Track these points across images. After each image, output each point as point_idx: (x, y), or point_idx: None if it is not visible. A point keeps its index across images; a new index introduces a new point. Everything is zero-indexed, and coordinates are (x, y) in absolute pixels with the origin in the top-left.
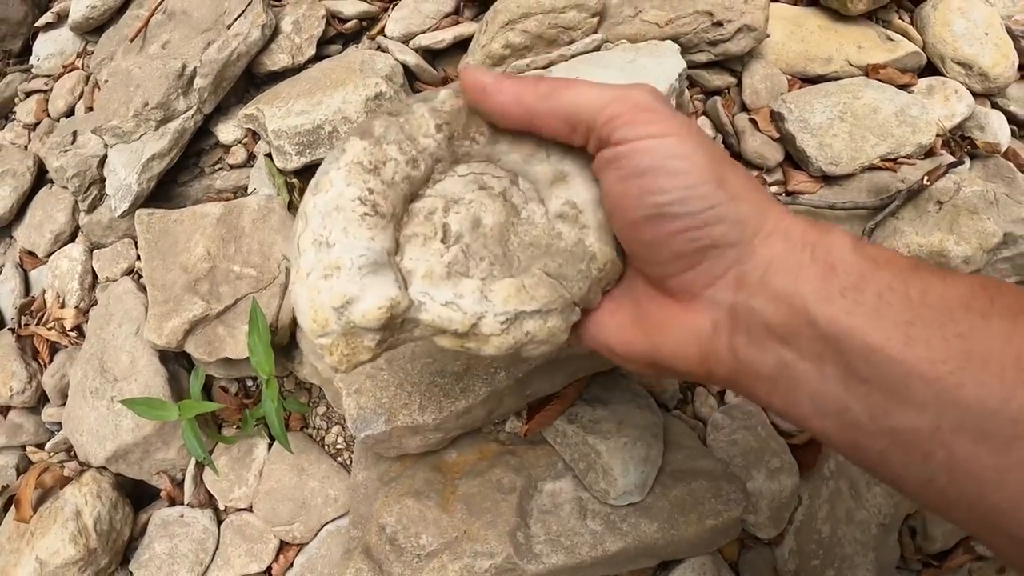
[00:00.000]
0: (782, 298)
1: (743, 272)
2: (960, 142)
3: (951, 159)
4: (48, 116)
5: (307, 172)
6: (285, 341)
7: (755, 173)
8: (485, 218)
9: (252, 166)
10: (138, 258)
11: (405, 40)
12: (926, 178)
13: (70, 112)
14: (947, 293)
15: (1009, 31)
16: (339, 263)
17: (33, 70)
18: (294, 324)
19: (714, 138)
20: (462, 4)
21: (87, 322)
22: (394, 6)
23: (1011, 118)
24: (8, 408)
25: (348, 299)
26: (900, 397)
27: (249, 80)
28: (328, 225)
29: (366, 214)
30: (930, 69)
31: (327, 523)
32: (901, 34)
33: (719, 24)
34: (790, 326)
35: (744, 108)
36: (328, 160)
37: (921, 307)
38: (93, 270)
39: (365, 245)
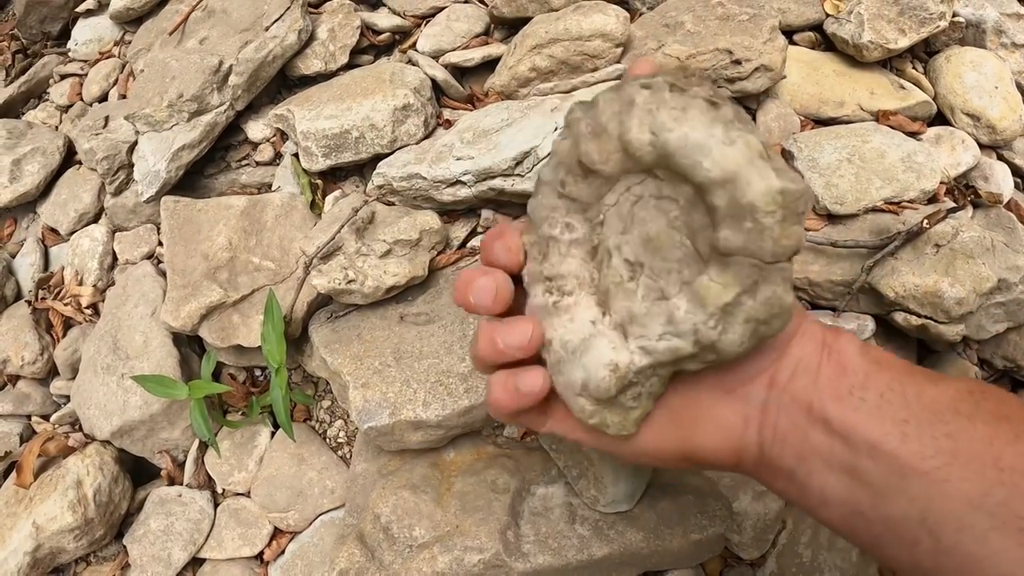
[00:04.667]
0: (802, 400)
1: (777, 371)
2: (964, 191)
3: (952, 205)
4: (81, 100)
5: (332, 174)
6: (297, 334)
7: None
8: (650, 230)
9: (278, 164)
10: (159, 243)
11: (435, 56)
12: (926, 221)
13: (103, 98)
14: (938, 396)
15: (1019, 86)
16: (559, 357)
17: (70, 54)
18: (307, 317)
19: None
20: (492, 26)
21: (103, 301)
22: (427, 22)
23: (1015, 170)
24: (18, 377)
25: (582, 383)
26: (895, 489)
27: (281, 82)
28: (545, 326)
29: (555, 302)
30: (940, 119)
31: (322, 513)
32: (913, 83)
33: (738, 62)
34: (807, 427)
35: None
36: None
37: (916, 407)
38: (114, 251)
39: (567, 329)
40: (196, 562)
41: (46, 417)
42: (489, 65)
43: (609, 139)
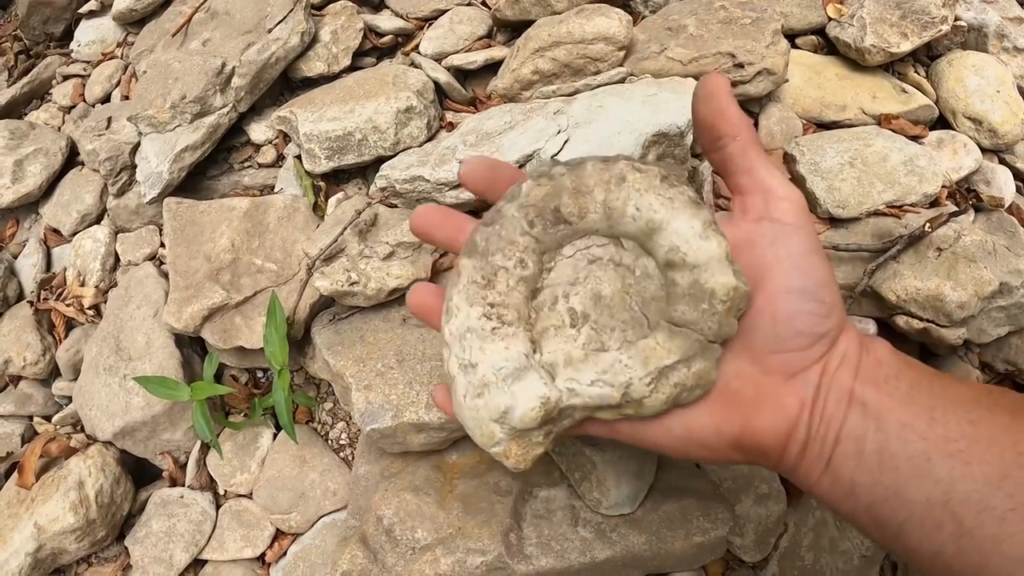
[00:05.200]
0: (845, 386)
1: (829, 359)
2: (965, 194)
3: (954, 208)
4: (84, 100)
5: (334, 176)
6: (299, 335)
7: None
8: (603, 289)
9: (280, 166)
10: (161, 245)
11: (438, 58)
12: (928, 225)
13: (106, 99)
14: (961, 390)
15: (1021, 90)
16: (485, 380)
17: (73, 55)
18: (309, 319)
19: None
20: (495, 28)
21: (105, 302)
22: (430, 25)
23: (1017, 174)
24: (19, 378)
25: (504, 410)
26: (921, 471)
27: (284, 84)
28: (466, 347)
29: (495, 328)
30: (942, 122)
31: (324, 515)
32: (915, 87)
33: (740, 66)
34: (847, 410)
35: None
36: (449, 287)
37: (941, 398)
38: (116, 253)
39: (503, 356)
40: (198, 563)
41: (48, 418)
42: (492, 68)
43: (592, 200)
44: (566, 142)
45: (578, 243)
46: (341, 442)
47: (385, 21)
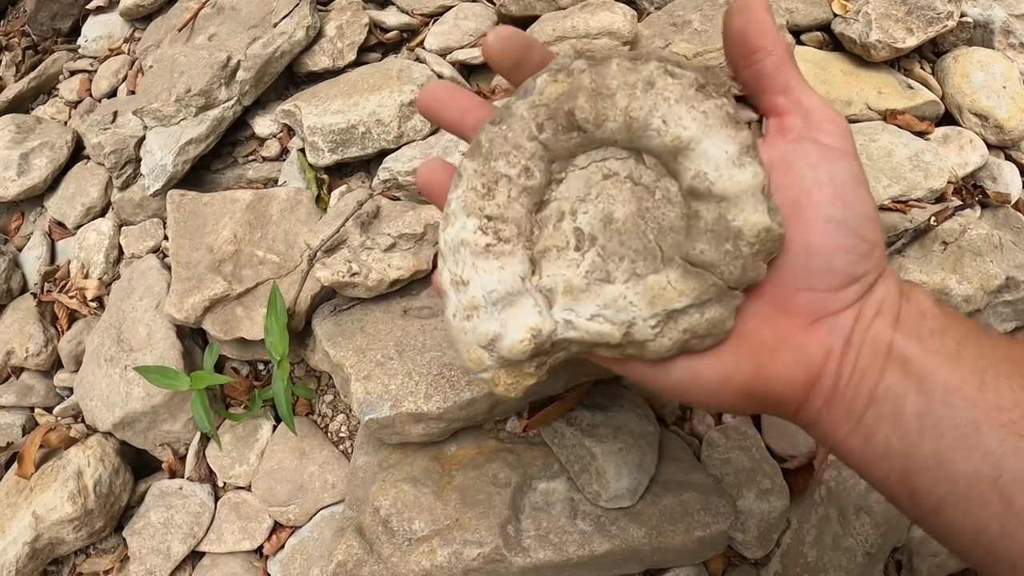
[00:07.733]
0: (883, 338)
1: (864, 305)
2: (972, 190)
3: (959, 203)
4: (90, 95)
5: (338, 169)
6: (300, 327)
7: None
8: (616, 211)
9: (284, 160)
10: (165, 238)
11: (443, 54)
12: (933, 218)
13: (112, 93)
14: (1013, 350)
15: None
16: (475, 302)
17: (80, 50)
18: (310, 311)
19: None
20: (500, 24)
21: (108, 294)
22: (435, 21)
23: None
24: (22, 369)
25: (492, 337)
26: (969, 441)
27: (289, 78)
28: (459, 262)
29: (489, 244)
30: (947, 118)
31: (322, 508)
32: (921, 83)
33: None
34: (885, 365)
35: None
36: (452, 185)
37: (992, 357)
38: (120, 245)
39: (495, 278)
40: (195, 555)
41: (49, 409)
42: None
43: (612, 106)
44: None
45: (594, 154)
46: (341, 435)
47: (390, 17)
